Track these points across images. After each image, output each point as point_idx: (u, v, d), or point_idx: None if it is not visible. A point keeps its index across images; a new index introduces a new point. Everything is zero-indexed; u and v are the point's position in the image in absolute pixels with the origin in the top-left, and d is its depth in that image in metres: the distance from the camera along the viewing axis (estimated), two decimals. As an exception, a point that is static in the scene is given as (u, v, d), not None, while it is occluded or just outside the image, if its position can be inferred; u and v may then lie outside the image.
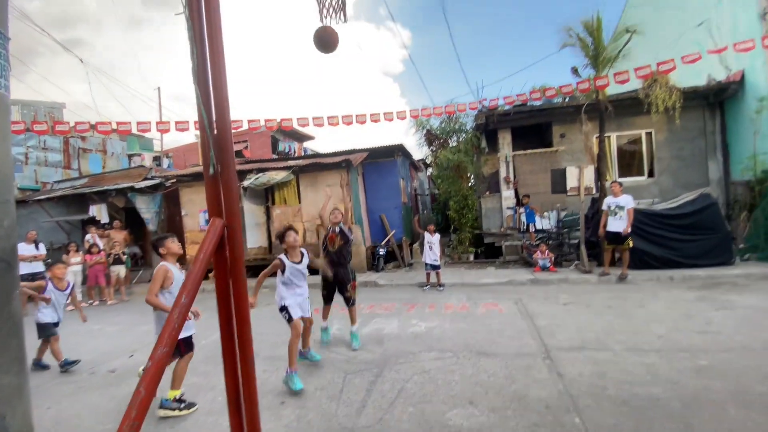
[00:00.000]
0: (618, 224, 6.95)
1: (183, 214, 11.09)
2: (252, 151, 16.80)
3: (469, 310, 5.86)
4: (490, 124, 10.81)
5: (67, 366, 4.41)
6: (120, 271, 8.93)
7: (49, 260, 10.36)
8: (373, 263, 10.24)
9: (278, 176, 9.91)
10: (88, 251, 8.67)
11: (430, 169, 21.11)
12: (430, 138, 17.35)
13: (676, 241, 7.37)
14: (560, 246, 9.13)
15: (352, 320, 4.62)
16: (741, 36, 8.37)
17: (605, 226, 7.14)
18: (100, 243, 9.39)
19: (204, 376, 4.02)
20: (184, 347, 3.40)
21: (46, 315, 4.55)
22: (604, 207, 7.19)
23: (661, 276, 6.99)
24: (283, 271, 3.89)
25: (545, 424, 2.66)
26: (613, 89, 9.03)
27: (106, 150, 17.58)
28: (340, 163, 9.90)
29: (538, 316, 5.26)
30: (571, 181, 7.96)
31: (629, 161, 10.33)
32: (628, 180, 10.07)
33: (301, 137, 19.28)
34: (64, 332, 5.30)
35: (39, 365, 4.54)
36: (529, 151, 10.76)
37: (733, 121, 9.37)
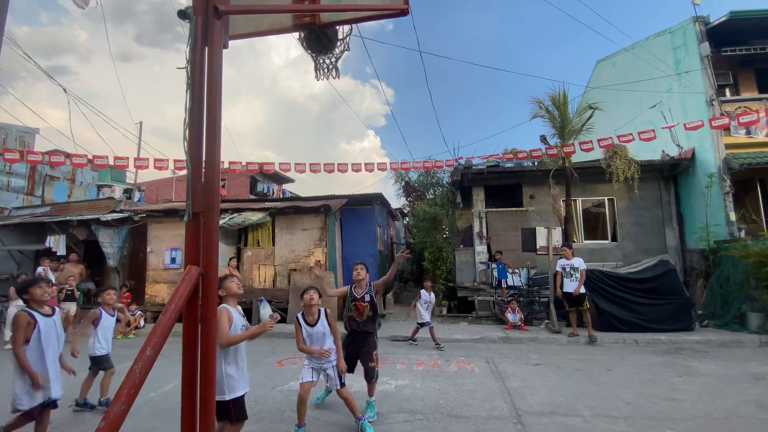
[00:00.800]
0: (573, 285, 7.16)
1: (149, 250, 10.61)
2: (229, 190, 16.65)
3: (441, 368, 5.71)
4: (465, 182, 11.31)
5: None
6: (71, 308, 8.23)
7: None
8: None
9: (254, 217, 9.79)
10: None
11: (407, 219, 21.51)
12: (408, 190, 17.91)
13: (639, 305, 7.64)
14: (531, 304, 9.25)
15: (370, 393, 3.99)
16: (691, 117, 9.42)
17: (562, 287, 7.33)
18: (53, 277, 8.73)
19: (150, 434, 3.63)
20: (235, 412, 2.79)
21: (102, 347, 4.29)
22: (558, 269, 7.41)
23: (626, 339, 7.13)
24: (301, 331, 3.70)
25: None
26: (578, 157, 9.78)
27: (74, 179, 16.95)
28: (319, 208, 9.93)
29: (510, 377, 5.17)
30: (541, 241, 8.27)
31: (594, 224, 10.94)
32: (593, 243, 10.60)
33: (281, 179, 19.38)
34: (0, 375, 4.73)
35: (85, 404, 4.20)
36: (501, 209, 11.22)
37: (687, 193, 10.23)
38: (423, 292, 7.39)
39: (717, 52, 9.48)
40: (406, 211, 19.61)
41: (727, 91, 10.23)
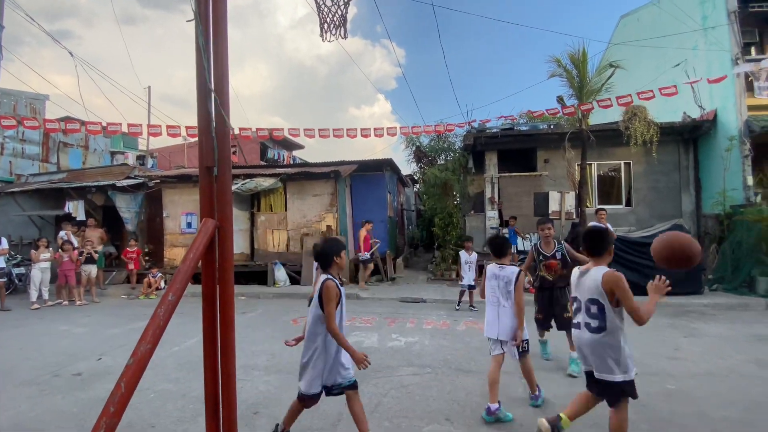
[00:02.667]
0: None
1: (164, 215, 10.87)
2: (240, 156, 16.70)
3: (450, 327, 5.89)
4: (478, 146, 11.08)
5: None
6: (92, 270, 8.62)
7: (18, 256, 9.95)
8: (356, 276, 10.20)
9: (266, 183, 9.88)
10: (61, 248, 8.35)
11: (417, 185, 21.40)
12: (419, 155, 17.67)
13: (651, 269, 7.60)
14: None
15: (572, 346, 3.84)
16: (715, 76, 8.93)
17: None
18: (75, 241, 9.08)
19: (175, 382, 3.90)
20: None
21: None
22: None
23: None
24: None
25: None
26: (596, 119, 9.43)
27: (88, 146, 17.15)
28: (329, 174, 9.94)
29: (517, 336, 5.33)
30: (553, 206, 8.21)
31: (609, 190, 10.73)
32: (607, 207, 10.42)
33: (291, 146, 19.30)
34: (29, 332, 5.06)
35: None
36: (514, 174, 11.05)
37: (706, 157, 9.90)
38: (463, 252, 7.20)
39: (744, 8, 8.82)
40: (416, 178, 19.47)
41: (753, 50, 9.60)
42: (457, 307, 7.12)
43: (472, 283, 7.09)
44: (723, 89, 9.19)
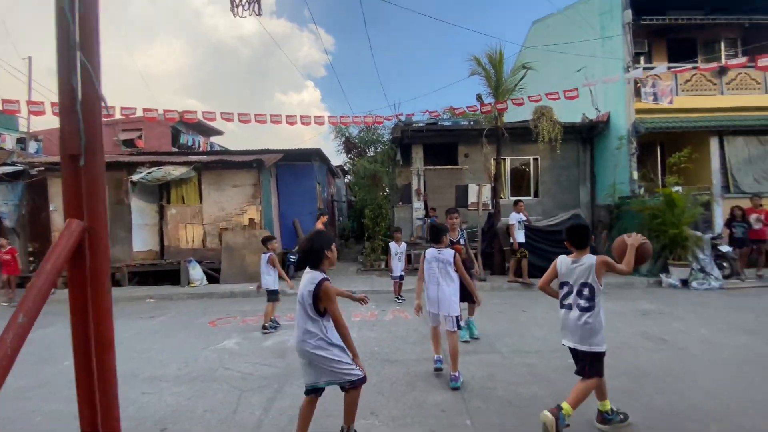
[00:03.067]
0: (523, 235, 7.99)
1: (51, 209, 9.30)
2: (147, 141, 14.89)
3: (377, 317, 5.94)
4: (405, 139, 11.29)
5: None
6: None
7: None
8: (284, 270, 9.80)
9: (177, 171, 8.93)
10: None
11: (348, 177, 21.24)
12: (349, 146, 17.51)
13: (554, 254, 8.46)
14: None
15: (472, 313, 4.80)
16: (610, 83, 10.13)
17: (515, 238, 8.00)
18: None
19: (67, 402, 3.34)
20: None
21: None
22: (514, 221, 8.01)
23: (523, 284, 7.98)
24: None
25: (441, 429, 2.78)
26: (510, 117, 10.15)
27: (-58, 123, 13.90)
28: (251, 163, 9.33)
29: (440, 323, 5.56)
30: (472, 197, 8.69)
31: (520, 183, 11.73)
32: (518, 199, 11.41)
33: (208, 131, 17.74)
34: None
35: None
36: (438, 167, 11.49)
37: (600, 154, 11.28)
38: (393, 244, 7.19)
39: (637, 20, 10.12)
40: (347, 169, 19.29)
41: (642, 59, 11.13)
42: (399, 299, 7.06)
43: (402, 274, 7.21)
44: (615, 94, 10.51)
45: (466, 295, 4.11)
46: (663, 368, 3.76)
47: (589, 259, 2.80)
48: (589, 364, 2.73)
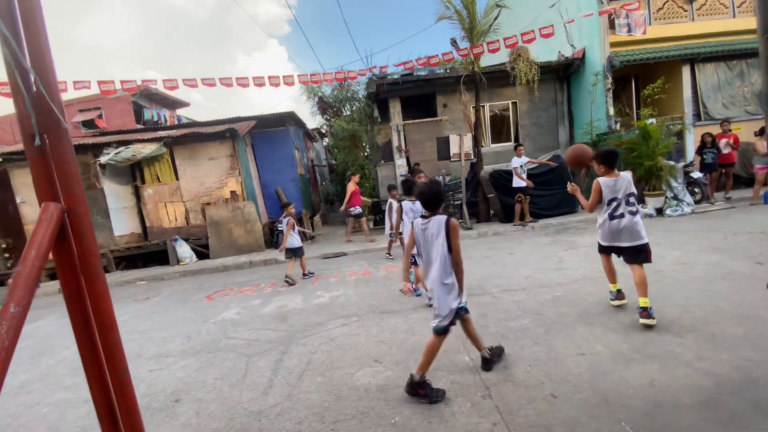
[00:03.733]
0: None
1: (19, 201, 8.87)
2: (108, 120, 14.04)
3: (371, 274, 6.09)
4: (381, 94, 10.95)
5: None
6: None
7: None
8: (272, 240, 9.80)
9: (146, 150, 8.55)
10: None
11: (326, 139, 20.70)
12: (323, 106, 16.88)
13: (536, 196, 8.71)
14: (446, 207, 10.01)
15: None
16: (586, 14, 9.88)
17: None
18: None
19: (72, 389, 3.41)
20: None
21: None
22: (517, 165, 8.12)
23: (525, 226, 8.24)
24: None
25: (442, 367, 2.97)
26: (486, 61, 9.88)
27: None
28: (224, 133, 8.97)
29: (432, 273, 5.75)
30: (454, 148, 8.65)
31: (500, 129, 11.67)
32: (499, 146, 11.43)
33: (173, 104, 16.79)
34: None
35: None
36: (417, 121, 11.29)
37: (576, 92, 11.23)
38: (392, 202, 6.32)
39: (609, -53, 9.68)
40: (324, 131, 18.74)
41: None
42: (390, 256, 7.02)
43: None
44: (590, 28, 10.27)
45: None
46: (641, 291, 4.03)
47: (626, 174, 3.41)
48: (647, 251, 3.35)
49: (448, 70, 11.56)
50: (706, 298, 3.65)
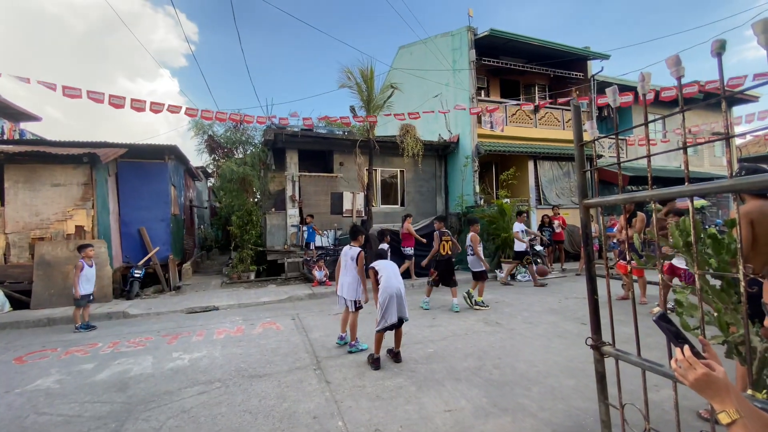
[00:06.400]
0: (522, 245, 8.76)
1: None
2: None
3: (245, 332, 5.53)
4: (279, 143, 10.93)
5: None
6: None
7: None
8: (124, 289, 8.24)
9: (-41, 164, 6.65)
10: None
11: (211, 180, 19.22)
12: (213, 146, 15.88)
13: (415, 256, 9.40)
14: (336, 262, 10.00)
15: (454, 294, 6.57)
16: (459, 109, 11.83)
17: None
18: None
19: None
20: None
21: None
22: (518, 230, 8.73)
23: (405, 283, 8.69)
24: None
25: (312, 435, 2.75)
26: (380, 131, 10.86)
27: None
28: (81, 157, 7.62)
29: (313, 329, 5.52)
30: (347, 204, 8.97)
31: (389, 192, 12.63)
32: (387, 207, 12.26)
33: (17, 114, 13.72)
34: None
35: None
36: (313, 174, 11.47)
37: (452, 170, 13.01)
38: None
39: (479, 59, 12.13)
40: (210, 171, 17.43)
41: (482, 93, 13.37)
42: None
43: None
44: (463, 119, 12.30)
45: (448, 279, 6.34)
46: (498, 347, 4.53)
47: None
48: None
49: (346, 132, 12.29)
50: (547, 354, 4.28)
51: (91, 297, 6.17)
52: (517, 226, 8.88)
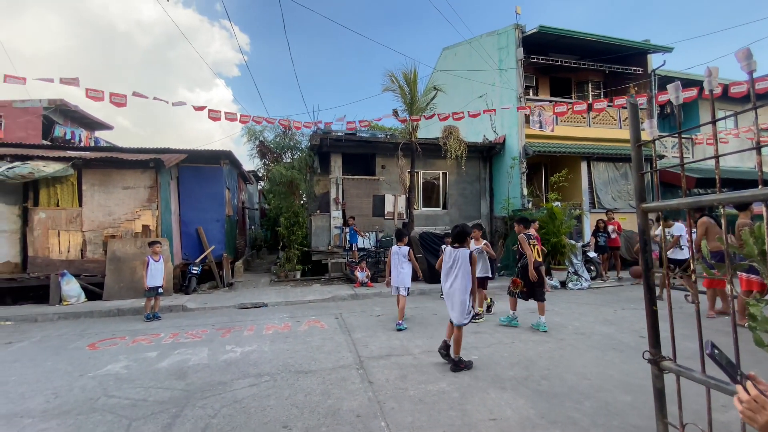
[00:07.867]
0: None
1: None
2: (9, 131, 12.28)
3: (291, 329, 5.74)
4: (324, 147, 11.24)
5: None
6: None
7: None
8: (183, 284, 8.88)
9: (48, 168, 7.55)
10: None
11: (261, 183, 20.17)
12: (263, 150, 16.67)
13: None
14: (377, 263, 10.11)
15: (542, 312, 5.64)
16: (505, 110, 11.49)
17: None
18: None
19: None
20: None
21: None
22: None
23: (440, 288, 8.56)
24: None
25: (355, 434, 2.79)
26: (422, 134, 10.82)
27: None
28: (148, 162, 8.34)
29: (356, 329, 5.60)
30: (388, 207, 9.04)
31: (430, 195, 12.52)
32: (429, 210, 12.16)
33: (92, 124, 15.34)
34: None
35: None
36: (356, 177, 11.66)
37: (497, 172, 12.63)
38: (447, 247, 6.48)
39: (527, 58, 11.70)
40: (260, 174, 18.32)
41: (531, 92, 12.87)
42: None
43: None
44: (509, 120, 11.92)
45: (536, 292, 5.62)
46: (547, 357, 4.33)
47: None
48: None
49: (388, 136, 12.38)
50: (600, 367, 4.03)
51: (160, 290, 6.66)
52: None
